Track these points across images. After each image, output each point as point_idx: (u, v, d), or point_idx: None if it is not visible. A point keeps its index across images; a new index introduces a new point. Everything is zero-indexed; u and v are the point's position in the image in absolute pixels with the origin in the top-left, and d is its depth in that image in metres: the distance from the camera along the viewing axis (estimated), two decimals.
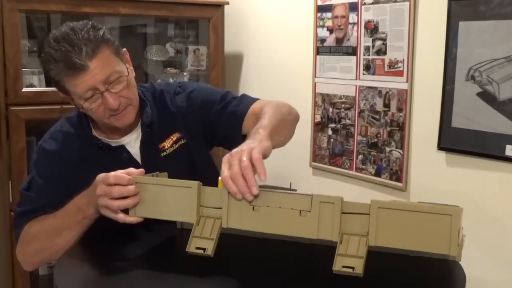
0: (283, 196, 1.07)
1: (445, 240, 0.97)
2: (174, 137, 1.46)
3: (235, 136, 1.41)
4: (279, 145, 1.31)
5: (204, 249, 1.10)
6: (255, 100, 1.47)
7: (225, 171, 1.08)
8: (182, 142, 1.47)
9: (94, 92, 1.30)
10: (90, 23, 1.35)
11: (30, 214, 1.35)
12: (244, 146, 1.12)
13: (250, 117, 1.42)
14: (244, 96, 1.52)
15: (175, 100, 1.50)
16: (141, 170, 1.22)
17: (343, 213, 1.03)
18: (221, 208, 1.11)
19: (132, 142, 1.44)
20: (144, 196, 1.18)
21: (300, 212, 1.05)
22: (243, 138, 1.44)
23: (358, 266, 1.00)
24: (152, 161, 1.41)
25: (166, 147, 1.45)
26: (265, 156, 1.12)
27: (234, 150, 1.12)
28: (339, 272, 1.01)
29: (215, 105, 1.47)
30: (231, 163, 1.08)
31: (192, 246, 1.11)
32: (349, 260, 1.01)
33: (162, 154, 1.44)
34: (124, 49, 1.42)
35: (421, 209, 0.99)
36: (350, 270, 1.00)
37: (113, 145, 1.42)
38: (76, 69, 1.27)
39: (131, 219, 1.19)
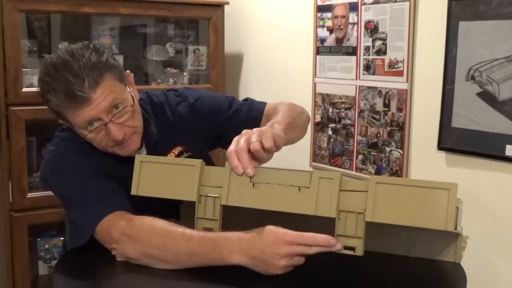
0: (283, 173, 1.08)
1: (442, 215, 0.97)
2: (176, 150, 1.42)
3: None
4: (290, 141, 1.30)
5: (211, 229, 1.12)
6: (265, 104, 1.47)
7: (232, 146, 1.09)
8: (185, 155, 1.43)
9: (98, 123, 1.23)
10: (92, 45, 1.26)
11: (102, 210, 1.19)
12: (255, 129, 1.13)
13: (264, 121, 1.42)
14: (252, 101, 1.51)
15: (176, 111, 1.45)
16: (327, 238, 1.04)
17: (341, 190, 1.04)
18: (222, 187, 1.11)
19: None
20: (147, 175, 1.18)
21: (299, 188, 1.06)
22: None
23: (359, 246, 1.01)
24: None
25: None
26: (277, 144, 1.12)
27: (245, 130, 1.12)
28: (340, 253, 1.02)
29: (224, 112, 1.45)
30: (239, 140, 1.10)
31: (200, 227, 1.13)
32: (349, 240, 1.02)
33: None
34: (127, 71, 1.34)
35: (418, 184, 1.00)
36: (351, 252, 1.01)
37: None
38: (78, 101, 1.18)
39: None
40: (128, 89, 1.30)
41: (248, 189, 1.09)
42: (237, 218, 1.19)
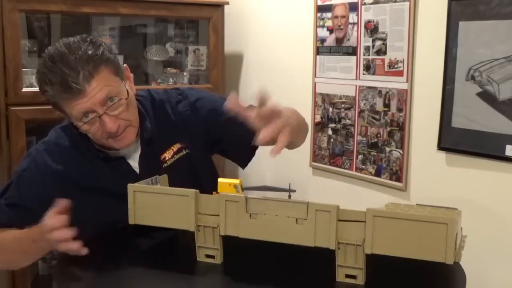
0: (279, 204, 1.08)
1: (441, 248, 0.98)
2: (175, 147, 1.42)
3: (245, 147, 1.39)
4: (290, 146, 1.29)
5: (213, 257, 1.13)
6: None
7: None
8: (184, 152, 1.43)
9: (92, 115, 1.25)
10: (89, 38, 1.28)
11: None
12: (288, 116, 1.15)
13: None
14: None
15: (177, 109, 1.46)
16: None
17: (339, 220, 1.04)
18: (218, 216, 1.11)
19: (132, 154, 1.40)
20: (143, 204, 1.18)
21: (296, 220, 1.06)
22: (253, 149, 1.44)
23: (360, 275, 1.03)
24: (153, 173, 1.36)
25: (167, 158, 1.41)
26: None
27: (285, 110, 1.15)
28: (342, 281, 1.04)
29: (222, 116, 1.44)
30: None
31: (201, 255, 1.13)
32: (350, 270, 1.04)
33: (163, 166, 1.40)
34: (124, 65, 1.36)
35: (416, 218, 0.99)
36: (353, 280, 1.03)
37: (112, 156, 1.38)
38: (73, 93, 1.21)
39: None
40: (124, 83, 1.32)
41: (246, 220, 1.09)
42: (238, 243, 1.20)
